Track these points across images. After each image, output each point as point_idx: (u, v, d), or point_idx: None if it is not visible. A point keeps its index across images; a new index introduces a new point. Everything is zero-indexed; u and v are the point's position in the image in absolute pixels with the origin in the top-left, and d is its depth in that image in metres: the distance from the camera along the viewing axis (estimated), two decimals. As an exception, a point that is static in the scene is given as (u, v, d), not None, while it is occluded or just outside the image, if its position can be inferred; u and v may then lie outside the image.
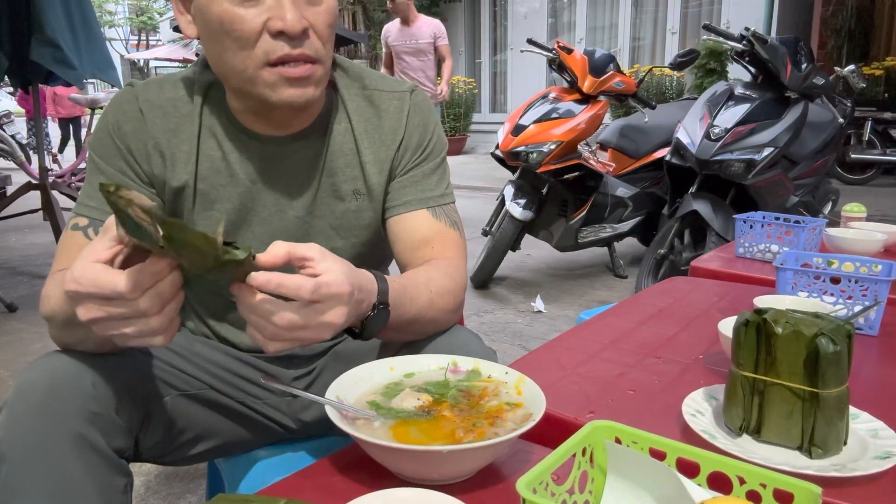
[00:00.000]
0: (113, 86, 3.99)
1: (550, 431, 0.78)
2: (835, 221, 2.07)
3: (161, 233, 0.56)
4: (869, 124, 6.36)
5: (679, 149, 3.03)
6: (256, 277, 0.63)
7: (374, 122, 0.98)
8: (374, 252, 1.04)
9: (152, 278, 0.61)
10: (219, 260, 0.59)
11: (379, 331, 0.80)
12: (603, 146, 3.94)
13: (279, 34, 0.80)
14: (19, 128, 5.12)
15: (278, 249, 0.66)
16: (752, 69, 3.06)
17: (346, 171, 0.97)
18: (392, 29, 5.28)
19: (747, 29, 2.99)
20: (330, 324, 0.68)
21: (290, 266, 0.67)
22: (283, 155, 0.94)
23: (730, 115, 2.94)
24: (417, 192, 0.98)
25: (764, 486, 0.55)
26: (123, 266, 0.63)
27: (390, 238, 1.00)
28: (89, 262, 0.62)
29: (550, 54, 3.52)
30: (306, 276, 0.66)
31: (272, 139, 0.93)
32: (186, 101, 0.93)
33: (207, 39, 0.84)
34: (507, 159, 3.39)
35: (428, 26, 5.23)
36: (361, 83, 0.99)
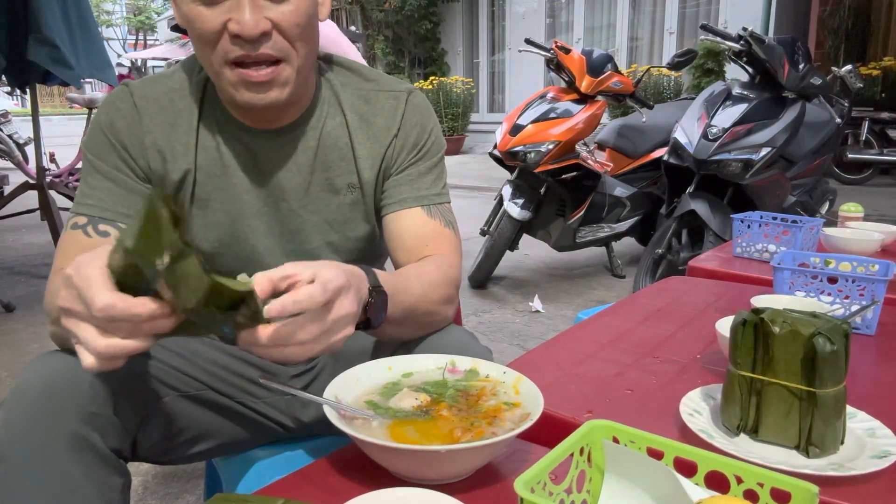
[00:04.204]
0: (111, 86, 3.98)
1: (548, 431, 0.79)
2: (832, 221, 2.08)
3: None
4: (866, 124, 6.36)
5: (677, 149, 3.03)
6: (272, 308, 0.62)
7: (368, 119, 0.99)
8: (369, 248, 1.05)
9: (128, 322, 0.58)
10: (214, 298, 0.57)
11: (383, 316, 0.79)
12: (601, 146, 3.94)
13: (236, 37, 0.80)
14: (17, 127, 5.10)
15: (261, 280, 0.63)
16: (750, 69, 3.06)
17: (340, 165, 0.98)
18: None
19: (745, 29, 2.98)
20: (348, 314, 0.68)
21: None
22: (275, 147, 0.95)
23: (727, 115, 2.94)
24: (413, 191, 0.99)
25: (761, 485, 0.55)
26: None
27: (386, 236, 1.01)
28: (99, 262, 0.59)
29: (548, 54, 3.51)
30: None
31: (263, 132, 0.94)
32: (183, 94, 0.93)
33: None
34: (505, 159, 3.38)
35: None
36: (358, 81, 1.01)
